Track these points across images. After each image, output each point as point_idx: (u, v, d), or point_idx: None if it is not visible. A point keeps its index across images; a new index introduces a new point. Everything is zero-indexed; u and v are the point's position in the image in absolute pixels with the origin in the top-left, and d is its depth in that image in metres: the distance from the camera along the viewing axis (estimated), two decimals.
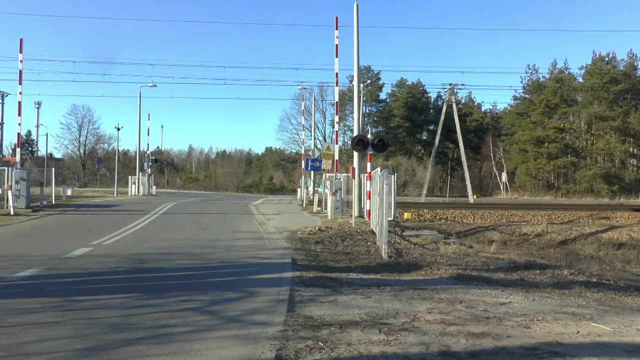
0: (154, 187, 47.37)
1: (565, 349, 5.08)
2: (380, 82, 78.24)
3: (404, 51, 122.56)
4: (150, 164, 45.22)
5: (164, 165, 73.52)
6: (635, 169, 66.80)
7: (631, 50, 76.54)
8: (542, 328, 5.91)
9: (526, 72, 73.85)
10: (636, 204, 44.57)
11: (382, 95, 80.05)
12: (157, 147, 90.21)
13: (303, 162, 35.58)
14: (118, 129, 47.79)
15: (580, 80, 68.89)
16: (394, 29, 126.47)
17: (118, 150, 53.92)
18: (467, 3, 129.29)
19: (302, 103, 49.11)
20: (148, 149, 46.89)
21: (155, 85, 43.39)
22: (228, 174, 79.04)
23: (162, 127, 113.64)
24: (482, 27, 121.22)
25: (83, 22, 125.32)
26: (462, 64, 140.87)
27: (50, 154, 79.13)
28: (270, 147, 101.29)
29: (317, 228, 17.17)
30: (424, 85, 78.25)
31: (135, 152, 55.71)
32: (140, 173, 43.93)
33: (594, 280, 12.12)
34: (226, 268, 9.89)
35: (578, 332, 5.80)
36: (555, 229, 27.01)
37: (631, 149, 67.30)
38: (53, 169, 31.70)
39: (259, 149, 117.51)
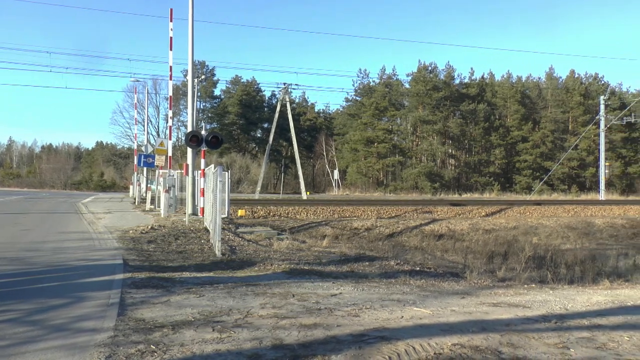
0: None
1: (391, 333, 5.44)
2: (215, 78, 78.09)
3: (239, 48, 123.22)
4: None
5: None
6: (453, 168, 73.02)
7: (448, 62, 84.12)
8: (370, 315, 6.27)
9: (358, 76, 77.76)
10: (454, 199, 48.75)
11: (217, 92, 79.87)
12: None
13: (136, 157, 34.29)
14: None
15: (407, 86, 73.87)
16: (230, 26, 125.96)
17: None
18: (301, 4, 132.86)
19: (135, 96, 47.02)
20: None
21: None
22: (55, 169, 74.01)
23: None
24: (315, 30, 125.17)
25: None
26: (297, 65, 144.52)
27: None
28: (101, 142, 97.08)
29: (149, 227, 16.65)
30: (258, 84, 79.27)
31: None
32: None
33: (417, 269, 13.09)
34: (52, 272, 9.23)
35: (402, 316, 6.24)
36: (384, 223, 28.46)
37: (450, 150, 73.45)
38: None
39: (89, 144, 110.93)
